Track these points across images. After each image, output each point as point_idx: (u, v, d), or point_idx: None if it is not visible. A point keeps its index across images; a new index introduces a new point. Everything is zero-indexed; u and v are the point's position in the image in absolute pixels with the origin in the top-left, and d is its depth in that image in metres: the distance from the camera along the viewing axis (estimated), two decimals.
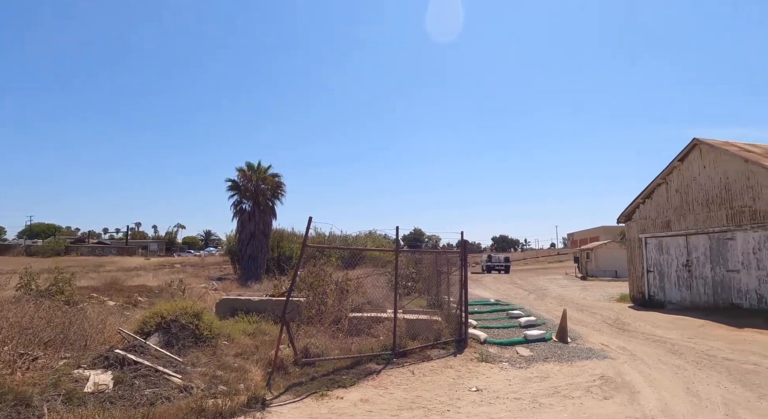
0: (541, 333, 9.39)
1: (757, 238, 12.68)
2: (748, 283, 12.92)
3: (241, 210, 24.10)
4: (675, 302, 15.11)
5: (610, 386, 6.18)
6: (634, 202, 16.85)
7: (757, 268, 12.66)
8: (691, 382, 6.31)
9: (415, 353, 7.68)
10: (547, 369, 7.12)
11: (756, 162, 12.64)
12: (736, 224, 13.19)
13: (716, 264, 13.88)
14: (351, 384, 6.06)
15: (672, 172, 15.40)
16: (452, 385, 6.20)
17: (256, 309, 9.27)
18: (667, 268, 15.61)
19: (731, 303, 13.28)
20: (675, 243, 15.34)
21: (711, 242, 14.06)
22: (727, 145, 14.15)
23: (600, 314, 13.73)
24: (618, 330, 10.98)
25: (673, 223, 15.34)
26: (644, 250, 16.48)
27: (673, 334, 10.32)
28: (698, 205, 14.44)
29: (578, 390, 5.99)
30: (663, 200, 15.78)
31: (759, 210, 12.58)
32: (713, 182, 13.97)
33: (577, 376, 6.71)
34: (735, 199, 13.27)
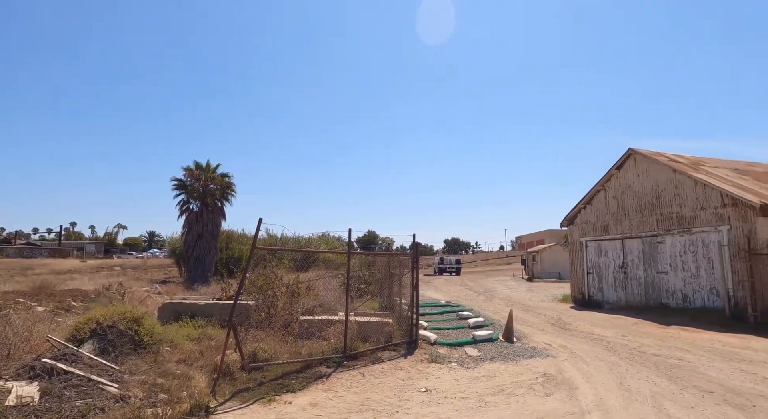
0: (489, 334, 9.67)
1: (682, 242, 13.74)
2: (675, 284, 13.95)
3: (188, 211, 23.18)
4: (612, 302, 16.04)
5: (552, 383, 6.46)
6: (576, 207, 17.76)
7: (683, 270, 13.70)
8: (623, 377, 6.72)
9: (366, 355, 7.68)
10: (493, 369, 7.34)
11: (682, 171, 13.71)
12: (665, 229, 14.23)
13: (648, 267, 14.89)
14: (300, 388, 5.97)
15: (610, 180, 16.39)
16: (402, 387, 6.25)
17: (202, 313, 8.93)
18: (605, 270, 16.56)
19: (660, 303, 14.28)
20: (612, 247, 16.31)
21: (644, 246, 15.07)
22: (658, 155, 15.24)
23: (544, 314, 14.33)
24: (560, 330, 11.50)
25: (611, 228, 16.31)
26: (585, 253, 17.40)
27: (609, 332, 10.95)
28: (633, 210, 15.44)
29: (522, 388, 6.21)
30: (602, 206, 16.74)
31: (685, 217, 13.64)
32: (646, 189, 14.99)
33: (521, 375, 6.96)
34: (664, 206, 14.31)
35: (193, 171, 23.24)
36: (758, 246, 11.70)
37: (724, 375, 6.77)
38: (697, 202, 13.28)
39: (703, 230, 13.08)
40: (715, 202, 12.74)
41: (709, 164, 15.58)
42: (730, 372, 6.99)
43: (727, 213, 12.42)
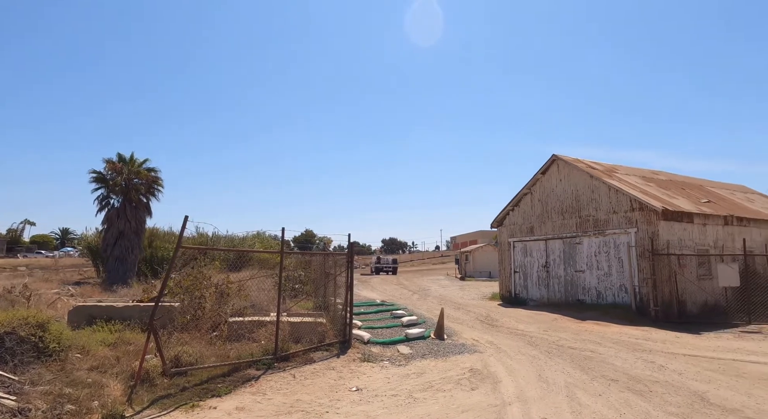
0: (421, 332, 9.90)
1: (597, 243, 14.90)
2: (591, 282, 15.10)
3: (108, 206, 21.48)
4: (536, 299, 17.04)
5: (478, 377, 6.75)
6: (505, 209, 18.68)
7: (597, 269, 14.87)
8: (542, 370, 7.17)
9: (298, 356, 7.57)
10: (423, 366, 7.52)
11: (598, 178, 14.88)
12: (583, 231, 15.36)
13: (568, 266, 15.99)
14: (226, 392, 5.75)
15: (536, 184, 17.41)
16: (333, 387, 6.23)
17: (121, 316, 8.33)
18: (530, 269, 17.55)
19: (578, 299, 15.40)
20: (537, 247, 17.33)
21: (564, 246, 16.16)
22: (578, 161, 16.43)
23: (474, 311, 14.91)
24: (488, 326, 12.03)
25: (536, 229, 17.33)
26: (512, 253, 18.34)
27: (532, 328, 11.62)
28: (555, 213, 16.51)
29: (450, 384, 6.43)
30: (528, 208, 17.74)
31: (600, 219, 14.81)
32: (567, 193, 16.09)
33: (449, 370, 7.20)
34: (583, 209, 15.44)
35: (115, 164, 21.57)
36: (660, 247, 12.97)
37: (628, 365, 7.43)
38: (610, 206, 14.47)
39: (614, 232, 14.27)
40: (625, 206, 13.96)
41: (621, 171, 17.04)
42: (633, 361, 7.69)
43: (635, 216, 13.65)
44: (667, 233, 13.17)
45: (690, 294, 13.23)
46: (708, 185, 20.01)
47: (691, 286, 13.23)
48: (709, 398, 5.63)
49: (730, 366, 7.40)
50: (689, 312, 13.04)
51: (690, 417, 4.96)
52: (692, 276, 13.42)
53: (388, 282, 31.70)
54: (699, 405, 5.39)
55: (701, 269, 13.78)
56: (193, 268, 9.22)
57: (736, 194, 19.92)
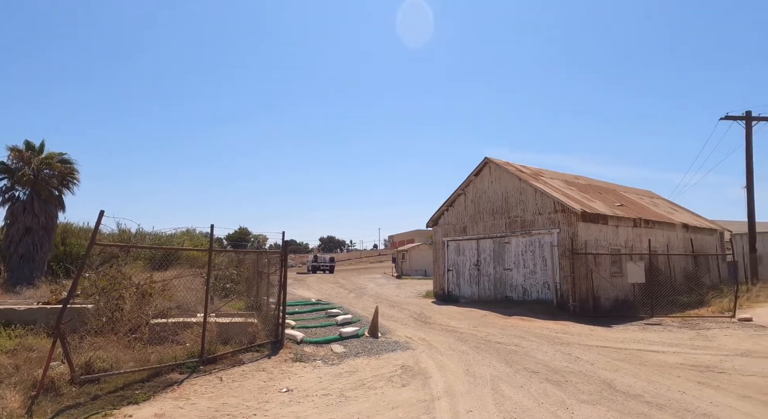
0: (355, 330, 9.91)
1: (524, 243, 15.75)
2: (517, 279, 15.93)
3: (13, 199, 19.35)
4: (467, 296, 17.68)
5: (409, 374, 6.87)
6: (440, 209, 19.20)
7: (524, 267, 15.72)
8: (470, 364, 7.44)
9: (226, 358, 7.29)
10: (356, 364, 7.53)
11: (526, 180, 15.73)
12: (511, 231, 16.17)
13: (497, 264, 16.75)
14: (145, 398, 5.40)
15: (469, 185, 18.06)
16: (262, 388, 6.06)
17: (23, 320, 7.55)
18: (463, 268, 18.18)
19: (505, 296, 16.18)
20: (469, 246, 17.98)
21: (495, 245, 16.91)
22: (508, 164, 17.27)
23: (408, 309, 15.19)
24: (421, 323, 12.30)
25: (469, 229, 17.98)
26: (446, 252, 18.89)
27: (463, 324, 12.05)
28: (487, 213, 17.23)
29: (381, 381, 6.49)
30: (462, 208, 18.36)
31: (527, 220, 15.66)
32: (498, 195, 16.86)
33: (382, 368, 7.27)
34: (512, 210, 16.25)
35: (21, 152, 19.44)
36: (578, 246, 13.97)
37: (548, 357, 7.92)
38: (536, 207, 15.35)
39: (540, 232, 15.16)
40: (550, 208, 14.87)
41: (547, 175, 18.14)
42: (553, 354, 8.21)
43: (557, 218, 14.59)
44: (585, 234, 14.21)
45: (604, 291, 14.37)
46: (621, 190, 21.86)
47: (604, 283, 14.37)
48: (616, 385, 6.13)
49: (635, 355, 8.12)
50: (603, 306, 14.16)
51: (599, 404, 5.38)
52: (606, 273, 14.58)
53: (324, 280, 31.43)
54: (607, 392, 5.85)
55: (614, 267, 15.01)
56: (111, 267, 8.59)
57: (644, 198, 21.94)
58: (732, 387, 6.05)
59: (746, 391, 5.84)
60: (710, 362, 7.54)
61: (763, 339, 9.54)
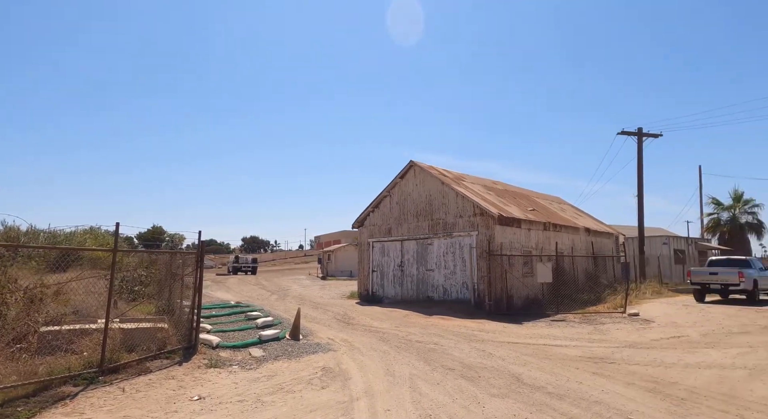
0: (276, 333, 9.66)
1: (446, 244, 16.35)
2: (439, 280, 16.50)
3: None
4: (391, 297, 17.97)
5: (329, 376, 6.82)
6: (366, 211, 19.34)
7: (445, 268, 16.31)
8: (391, 364, 7.56)
9: (131, 367, 6.74)
10: (275, 368, 7.34)
11: (448, 184, 16.35)
12: (434, 233, 16.72)
13: (420, 265, 17.22)
14: (29, 416, 4.83)
15: (395, 187, 18.40)
16: (171, 398, 5.69)
17: None
18: (387, 268, 18.46)
19: (427, 296, 16.68)
20: (394, 247, 18.30)
21: (418, 247, 17.37)
22: (432, 168, 17.84)
23: (332, 311, 15.11)
24: (344, 325, 12.29)
25: (394, 230, 18.29)
26: (371, 253, 19.06)
27: (385, 324, 12.22)
28: (411, 215, 17.66)
29: (301, 384, 6.38)
30: (387, 210, 18.65)
31: (448, 223, 16.27)
32: (422, 197, 17.35)
33: (302, 371, 7.15)
34: (434, 213, 16.80)
35: None
36: (495, 248, 14.79)
37: (464, 355, 8.28)
38: (457, 210, 16.01)
39: (460, 234, 15.83)
40: (470, 211, 15.59)
41: (468, 180, 19.00)
42: (468, 351, 8.60)
43: (477, 221, 15.33)
44: (501, 236, 15.07)
45: (516, 290, 15.34)
46: (533, 195, 23.50)
47: (517, 283, 15.34)
48: (523, 379, 6.57)
49: (541, 350, 8.76)
50: (515, 305, 15.11)
51: (507, 397, 5.72)
52: (519, 274, 15.58)
53: (246, 282, 30.32)
54: (515, 385, 6.25)
55: (525, 268, 16.08)
56: None
57: (553, 204, 23.77)
58: (619, 375, 6.74)
59: (630, 378, 6.54)
60: (603, 354, 8.34)
61: (646, 332, 10.74)
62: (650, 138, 23.34)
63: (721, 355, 8.07)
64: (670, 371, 7.02)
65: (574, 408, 5.25)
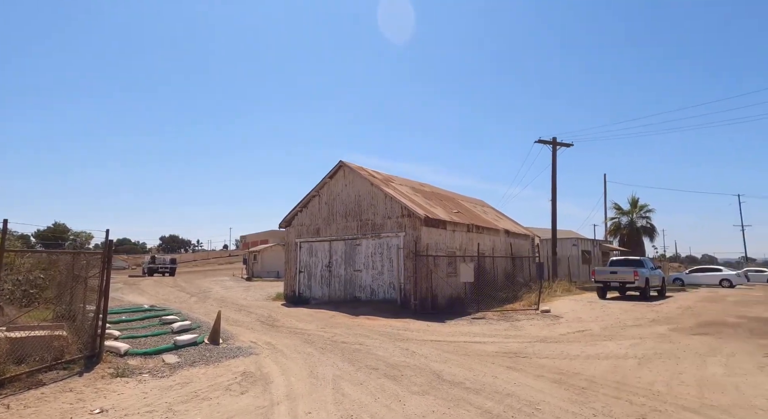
0: (193, 337, 9.16)
1: (374, 245, 16.50)
2: (366, 280, 16.60)
3: None
4: (318, 298, 17.77)
5: (249, 381, 6.59)
6: (294, 210, 18.98)
7: (372, 268, 16.44)
8: (315, 366, 7.47)
9: (20, 380, 6.03)
10: (191, 374, 6.95)
11: (377, 185, 16.52)
12: (362, 233, 16.80)
13: (348, 265, 17.21)
14: None
15: (324, 187, 18.23)
16: (67, 412, 5.17)
17: None
18: (315, 269, 18.24)
19: (354, 297, 16.71)
20: (322, 248, 18.12)
21: (346, 247, 17.35)
22: (362, 169, 17.92)
23: (256, 313, 14.63)
24: (269, 327, 11.95)
25: (322, 230, 18.12)
26: (298, 253, 18.73)
27: (311, 326, 12.06)
28: (340, 216, 17.60)
29: (218, 390, 6.09)
30: (316, 210, 18.43)
31: (377, 223, 16.43)
32: (351, 198, 17.35)
33: (220, 376, 6.83)
34: (363, 213, 16.88)
35: None
36: (421, 249, 15.17)
37: (388, 354, 8.40)
38: (386, 211, 16.22)
39: (388, 235, 16.05)
40: (397, 212, 15.86)
41: (397, 182, 19.33)
42: (393, 350, 8.74)
43: (404, 222, 15.63)
44: (427, 237, 15.50)
45: (441, 289, 15.85)
46: (458, 198, 24.46)
47: (441, 282, 15.86)
48: (443, 376, 6.79)
49: (461, 347, 9.13)
50: (440, 304, 15.61)
51: (428, 393, 5.88)
52: (443, 274, 16.12)
53: (163, 284, 28.47)
54: (436, 382, 6.44)
55: (449, 268, 16.67)
56: None
57: (476, 207, 24.91)
58: (530, 369, 7.21)
59: (540, 371, 7.02)
60: (517, 349, 8.88)
61: (556, 327, 11.60)
62: (563, 147, 25.26)
63: (616, 347, 8.93)
64: (573, 363, 7.63)
65: (489, 402, 5.53)
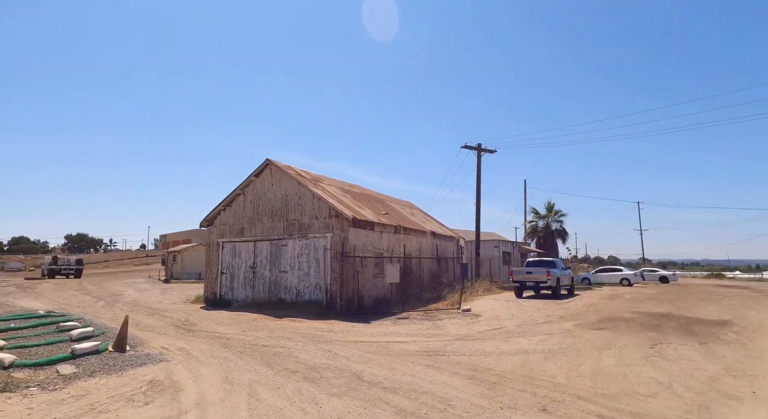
0: (95, 345, 8.40)
1: (300, 245, 16.22)
2: (292, 281, 16.27)
3: None
4: (240, 300, 17.12)
5: (156, 390, 6.16)
6: (217, 209, 18.14)
7: (299, 269, 16.15)
8: (231, 371, 7.16)
9: None
10: (89, 386, 6.36)
11: (305, 185, 16.26)
12: (289, 233, 16.45)
13: (273, 266, 16.76)
14: None
15: (249, 185, 17.61)
16: None
17: None
18: (238, 270, 17.54)
19: (279, 299, 16.31)
20: (246, 248, 17.48)
21: (272, 247, 16.88)
22: (289, 168, 17.55)
23: (171, 317, 13.77)
24: (184, 331, 11.29)
25: (247, 230, 17.48)
26: (221, 253, 17.92)
27: (231, 329, 11.57)
28: (266, 215, 17.09)
29: (119, 402, 5.63)
30: (240, 209, 17.75)
31: (304, 224, 16.17)
32: (277, 197, 16.93)
33: (123, 386, 6.32)
34: (290, 213, 16.54)
35: None
36: (348, 250, 15.16)
37: (309, 356, 8.27)
38: (313, 212, 16.01)
39: (315, 236, 15.85)
40: (325, 213, 15.72)
41: (326, 182, 19.16)
42: (315, 352, 8.62)
43: (332, 223, 15.53)
44: (355, 238, 15.52)
45: (367, 290, 15.94)
46: (387, 200, 24.78)
47: (368, 283, 15.95)
48: (363, 376, 6.81)
49: (384, 347, 9.22)
50: (366, 305, 15.68)
51: (346, 395, 5.87)
52: (370, 274, 16.22)
53: (65, 287, 25.91)
54: (355, 383, 6.45)
55: (376, 269, 16.81)
56: None
57: (405, 209, 25.39)
58: (447, 366, 7.46)
59: (456, 368, 7.28)
60: (437, 347, 9.14)
61: (475, 325, 12.12)
62: (488, 153, 26.52)
63: (527, 342, 9.51)
64: (488, 359, 8.01)
65: (405, 400, 5.63)
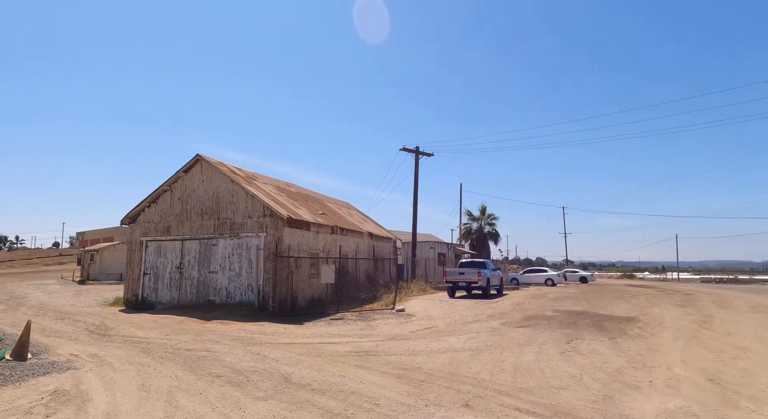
0: None
1: (232, 245, 15.63)
2: (222, 282, 15.63)
3: None
4: (165, 302, 16.16)
5: (60, 400, 5.65)
6: (141, 205, 17.02)
7: (230, 270, 15.56)
8: (149, 378, 6.73)
9: None
10: None
11: (238, 183, 15.70)
12: (220, 233, 15.80)
13: (202, 267, 16.00)
14: None
15: (177, 181, 16.70)
16: None
17: None
18: (163, 271, 16.56)
19: (208, 300, 15.60)
20: (173, 247, 16.54)
21: (201, 247, 16.11)
22: (221, 165, 16.87)
23: (84, 321, 12.74)
24: (98, 336, 10.48)
25: (173, 229, 16.55)
26: (144, 253, 16.83)
27: (153, 333, 10.89)
28: (195, 213, 16.29)
29: (14, 416, 5.09)
30: (167, 206, 16.77)
31: (236, 223, 15.61)
32: (208, 195, 16.20)
33: (21, 398, 5.73)
34: (222, 212, 15.89)
35: None
36: (283, 250, 14.83)
37: (237, 360, 7.97)
38: (246, 210, 15.49)
39: (248, 235, 15.34)
40: (259, 212, 15.27)
41: (260, 180, 18.62)
42: (243, 355, 8.33)
43: (266, 222, 15.11)
44: (290, 238, 15.21)
45: (302, 291, 15.68)
46: (325, 200, 24.56)
47: (303, 284, 15.70)
48: (292, 378, 6.68)
49: (315, 348, 9.11)
50: (300, 306, 15.42)
51: (272, 398, 5.72)
52: (305, 275, 15.97)
53: None
54: (283, 386, 6.30)
55: (312, 269, 16.59)
56: None
57: (342, 209, 25.30)
58: (378, 366, 7.51)
59: (386, 368, 7.35)
60: (369, 347, 9.18)
61: (407, 325, 12.32)
62: (425, 156, 27.12)
63: (456, 341, 9.82)
64: (417, 358, 8.17)
65: (333, 401, 5.58)
